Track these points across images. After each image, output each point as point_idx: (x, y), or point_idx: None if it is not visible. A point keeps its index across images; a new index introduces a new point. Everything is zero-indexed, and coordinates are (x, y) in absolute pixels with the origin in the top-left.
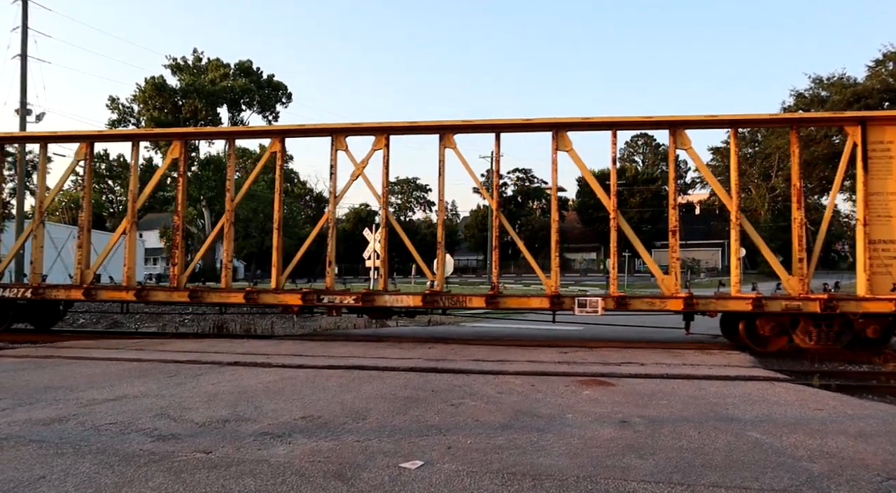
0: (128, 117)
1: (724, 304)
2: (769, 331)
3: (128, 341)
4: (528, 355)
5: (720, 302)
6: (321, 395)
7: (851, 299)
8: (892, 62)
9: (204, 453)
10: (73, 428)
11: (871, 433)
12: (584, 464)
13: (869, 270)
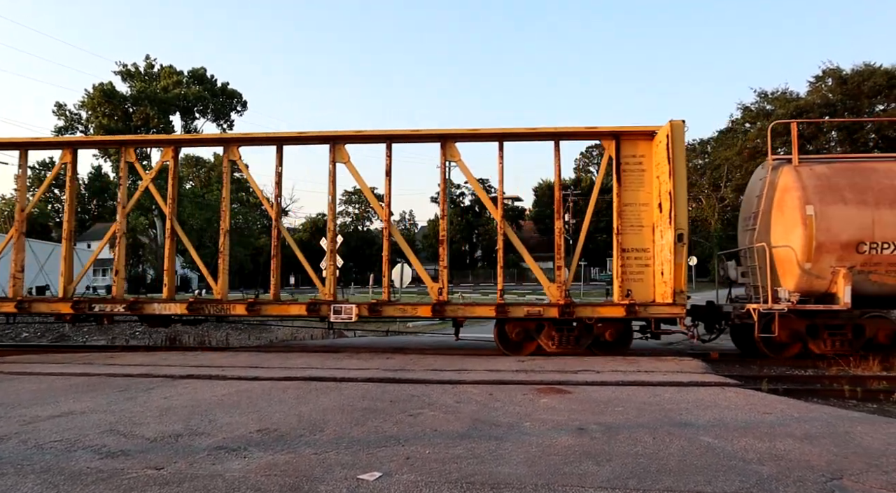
0: (75, 124)
1: (472, 310)
2: (516, 335)
3: (75, 355)
4: (486, 364)
5: (468, 308)
6: (278, 407)
7: (588, 305)
8: (830, 78)
9: (155, 469)
10: (15, 447)
11: (816, 435)
12: (542, 472)
13: (621, 277)
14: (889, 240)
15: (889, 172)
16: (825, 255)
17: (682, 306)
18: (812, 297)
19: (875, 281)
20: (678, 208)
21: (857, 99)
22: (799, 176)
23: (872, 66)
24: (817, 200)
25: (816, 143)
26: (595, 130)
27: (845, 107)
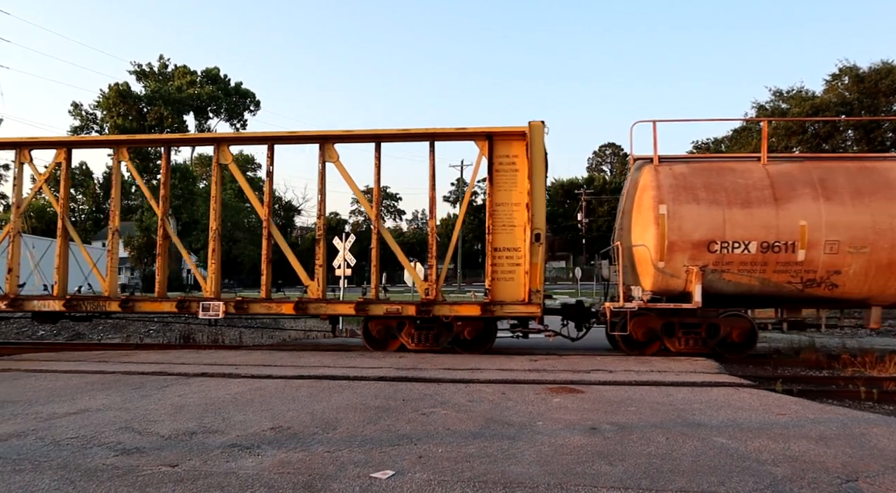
0: (91, 124)
1: (334, 308)
2: (377, 333)
3: (90, 353)
4: (498, 363)
5: (331, 306)
6: (290, 405)
7: (446, 304)
8: (847, 77)
9: (170, 466)
10: (33, 443)
11: (831, 437)
12: (555, 471)
13: (492, 276)
14: (740, 239)
15: (745, 172)
16: (678, 254)
17: (538, 306)
18: (668, 296)
19: (729, 280)
20: (536, 208)
21: (875, 97)
22: (656, 175)
23: (890, 64)
24: (671, 199)
25: (832, 141)
26: (469, 130)
27: (862, 105)
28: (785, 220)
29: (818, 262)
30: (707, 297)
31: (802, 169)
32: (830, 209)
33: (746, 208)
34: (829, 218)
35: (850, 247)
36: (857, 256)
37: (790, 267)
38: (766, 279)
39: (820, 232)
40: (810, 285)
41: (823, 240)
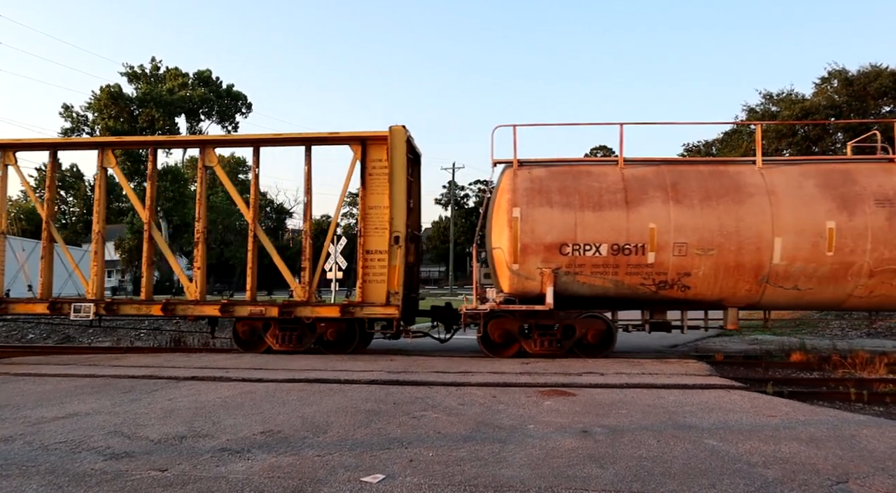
0: (82, 126)
1: (200, 309)
2: (244, 334)
3: (80, 356)
4: (490, 366)
5: (197, 308)
6: (281, 409)
7: (308, 305)
8: (836, 80)
9: (159, 471)
10: (20, 448)
11: (821, 439)
12: (546, 474)
13: (363, 277)
14: (591, 242)
15: (601, 175)
16: (531, 256)
17: (396, 307)
18: (525, 297)
19: (584, 282)
20: (395, 211)
21: (864, 100)
22: (513, 179)
23: (879, 67)
24: (525, 202)
25: (822, 144)
26: (343, 135)
27: (851, 108)
28: (635, 223)
29: (668, 264)
30: (564, 299)
31: (657, 173)
32: (679, 212)
33: (598, 211)
34: (677, 221)
35: (698, 249)
36: (705, 257)
37: (641, 269)
38: (619, 281)
39: (669, 235)
40: (663, 287)
41: (672, 242)
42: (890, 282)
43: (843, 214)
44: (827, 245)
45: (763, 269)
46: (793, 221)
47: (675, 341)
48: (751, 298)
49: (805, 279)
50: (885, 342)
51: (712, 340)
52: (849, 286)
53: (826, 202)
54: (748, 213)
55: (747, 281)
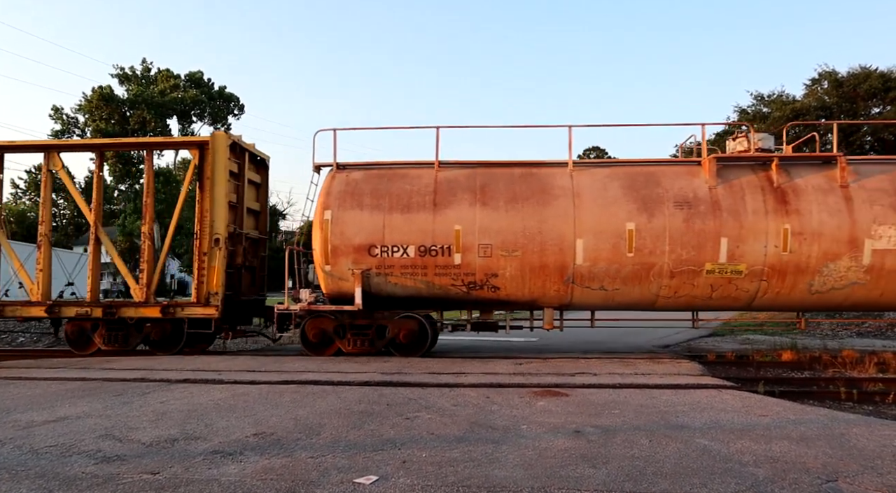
0: (72, 128)
1: (27, 310)
2: (72, 334)
3: (71, 360)
4: (483, 367)
5: (24, 309)
6: (274, 411)
7: (131, 306)
8: (826, 81)
9: (151, 474)
10: (10, 452)
11: (812, 437)
12: (539, 475)
13: (198, 279)
14: (399, 243)
15: (416, 178)
16: (341, 258)
17: (216, 308)
18: (341, 298)
19: (396, 283)
20: (215, 214)
21: (853, 102)
22: (330, 182)
23: (868, 68)
24: (336, 205)
25: (812, 145)
26: (180, 140)
27: (841, 109)
28: (441, 225)
29: (475, 265)
30: (381, 299)
31: (470, 175)
32: (485, 214)
33: (406, 214)
34: (482, 223)
35: (503, 250)
36: (510, 259)
37: (449, 270)
38: (430, 282)
39: (474, 236)
40: (474, 288)
41: (477, 244)
42: (691, 282)
43: (643, 216)
44: (627, 246)
45: (567, 269)
46: (594, 222)
47: (668, 341)
48: (562, 298)
49: (610, 280)
50: (875, 342)
51: (705, 340)
52: (653, 287)
53: (627, 204)
54: (552, 215)
55: (554, 282)
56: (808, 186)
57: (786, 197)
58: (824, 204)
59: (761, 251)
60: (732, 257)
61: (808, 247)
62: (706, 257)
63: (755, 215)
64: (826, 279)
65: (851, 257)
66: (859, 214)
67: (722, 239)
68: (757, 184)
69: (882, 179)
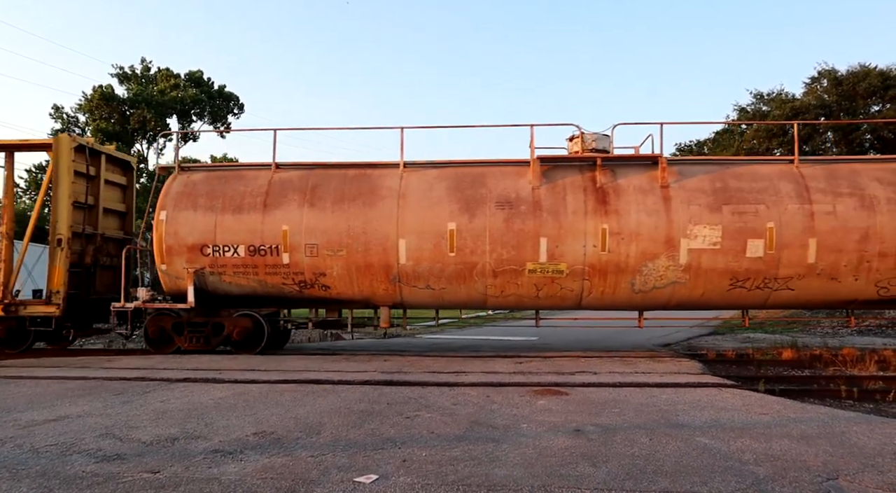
0: (72, 127)
1: None
2: None
3: (71, 359)
4: (483, 366)
5: None
6: (274, 410)
7: None
8: (826, 79)
9: (151, 473)
10: (10, 451)
11: (812, 436)
12: (539, 473)
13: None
14: (229, 243)
15: (252, 179)
16: (176, 257)
17: (57, 306)
18: (179, 296)
19: (230, 282)
20: (58, 214)
21: (853, 100)
22: (171, 183)
23: (868, 67)
24: (172, 206)
25: (812, 143)
26: (40, 142)
27: (840, 108)
28: (269, 225)
29: (303, 264)
30: (219, 298)
31: (303, 177)
32: (312, 215)
33: (237, 214)
34: (309, 223)
35: (329, 250)
36: (336, 258)
37: (279, 269)
38: (263, 281)
39: (301, 236)
40: (305, 287)
41: (304, 243)
42: (515, 282)
43: (465, 217)
44: (448, 246)
45: (392, 269)
46: (417, 223)
47: (669, 339)
48: (393, 297)
49: (435, 279)
50: (875, 340)
51: (705, 338)
52: (479, 286)
53: (450, 205)
54: (376, 215)
55: (382, 281)
56: (630, 186)
57: (606, 197)
58: (643, 204)
59: (581, 251)
60: (553, 257)
61: (626, 247)
62: (527, 256)
63: (575, 216)
64: (647, 279)
65: (669, 257)
66: (676, 214)
67: (542, 239)
68: (580, 184)
69: (703, 180)
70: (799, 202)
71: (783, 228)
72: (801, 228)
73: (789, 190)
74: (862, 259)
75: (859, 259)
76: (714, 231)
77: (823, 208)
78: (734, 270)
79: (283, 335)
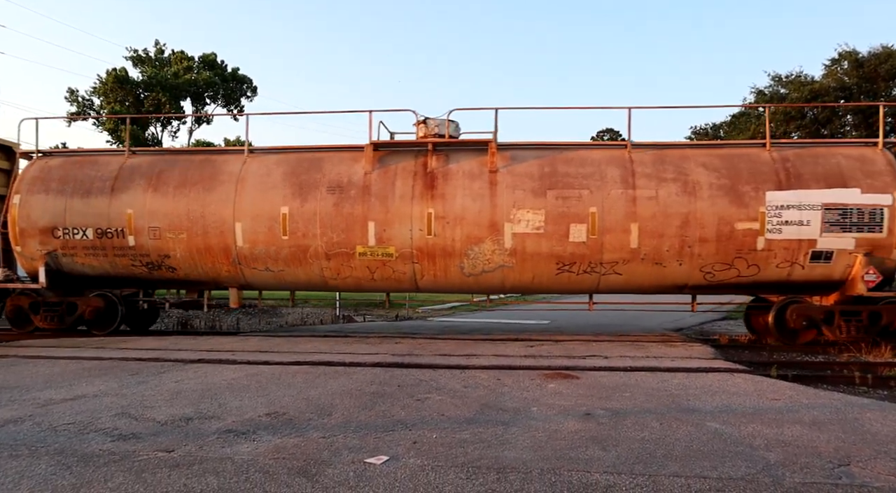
0: (87, 110)
1: None
2: None
3: (87, 340)
4: (494, 349)
5: None
6: (286, 391)
7: None
8: (846, 61)
9: (166, 452)
10: (29, 429)
11: (824, 422)
12: (548, 457)
13: None
14: (78, 226)
15: (105, 164)
16: (29, 239)
17: None
18: (34, 277)
19: (83, 263)
20: None
21: (874, 82)
22: (28, 168)
23: (890, 48)
24: (25, 190)
25: (831, 126)
26: None
27: (861, 90)
28: (116, 209)
29: (148, 247)
30: (74, 278)
31: (153, 163)
32: (155, 199)
33: (86, 198)
34: (152, 206)
35: (171, 232)
36: (177, 241)
37: (126, 251)
38: (114, 263)
39: (144, 219)
40: (153, 268)
41: (147, 226)
42: (348, 264)
43: (297, 201)
44: (282, 229)
45: (231, 251)
46: (252, 206)
47: (681, 324)
48: (237, 279)
49: (272, 261)
50: None
51: (717, 323)
52: (315, 268)
53: (284, 189)
54: (215, 199)
55: (223, 263)
56: (460, 171)
57: (434, 182)
58: (469, 189)
59: (408, 235)
60: (381, 240)
61: (452, 230)
62: (356, 240)
63: (402, 200)
64: (475, 262)
65: (494, 241)
66: (501, 198)
67: (370, 223)
68: (412, 170)
69: (532, 165)
70: (623, 187)
71: (606, 213)
72: (623, 213)
73: (615, 175)
74: (684, 244)
75: (681, 244)
76: (537, 215)
77: (646, 194)
78: (559, 254)
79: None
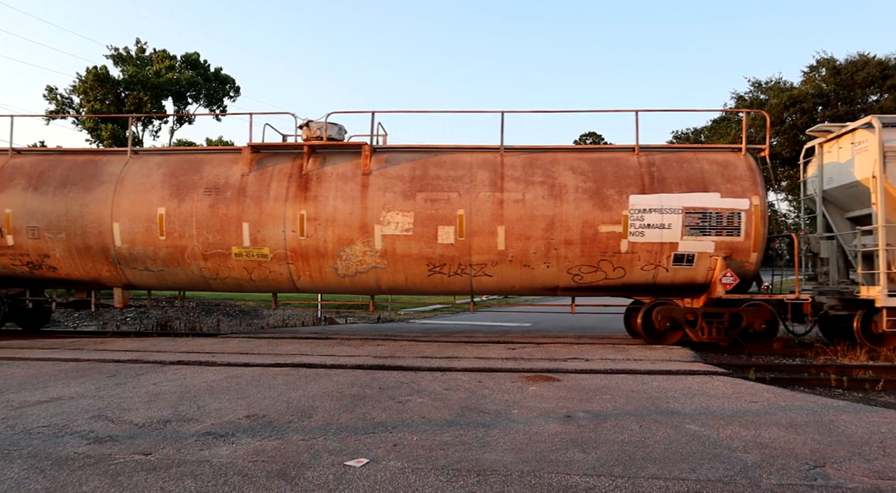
0: (67, 109)
1: None
2: None
3: (65, 341)
4: (476, 351)
5: None
6: (267, 393)
7: None
8: (824, 68)
9: (143, 454)
10: (2, 432)
11: (801, 424)
12: (529, 459)
13: None
14: None
15: None
16: None
17: None
18: None
19: None
20: None
21: (851, 89)
22: None
23: (866, 56)
24: None
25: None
26: None
27: (838, 97)
28: None
29: (27, 246)
30: None
31: (36, 163)
32: (34, 198)
33: None
34: (31, 206)
35: (49, 232)
36: (56, 241)
37: (6, 251)
38: None
39: (23, 219)
40: (35, 268)
41: (26, 226)
42: (225, 264)
43: (174, 202)
44: (159, 230)
45: (110, 251)
46: (130, 207)
47: None
48: (118, 279)
49: (151, 261)
50: None
51: None
52: (193, 268)
53: (163, 190)
54: (93, 200)
55: (103, 263)
56: (335, 173)
57: (308, 184)
58: (342, 191)
59: (281, 236)
60: (255, 241)
61: (324, 232)
62: (231, 240)
63: (276, 202)
64: (348, 263)
65: (364, 243)
66: (372, 200)
67: (244, 224)
68: (288, 172)
69: (405, 167)
70: (491, 190)
71: (473, 216)
72: (490, 215)
73: (485, 178)
74: (549, 247)
75: (547, 247)
76: (406, 218)
77: (513, 196)
78: (429, 256)
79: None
